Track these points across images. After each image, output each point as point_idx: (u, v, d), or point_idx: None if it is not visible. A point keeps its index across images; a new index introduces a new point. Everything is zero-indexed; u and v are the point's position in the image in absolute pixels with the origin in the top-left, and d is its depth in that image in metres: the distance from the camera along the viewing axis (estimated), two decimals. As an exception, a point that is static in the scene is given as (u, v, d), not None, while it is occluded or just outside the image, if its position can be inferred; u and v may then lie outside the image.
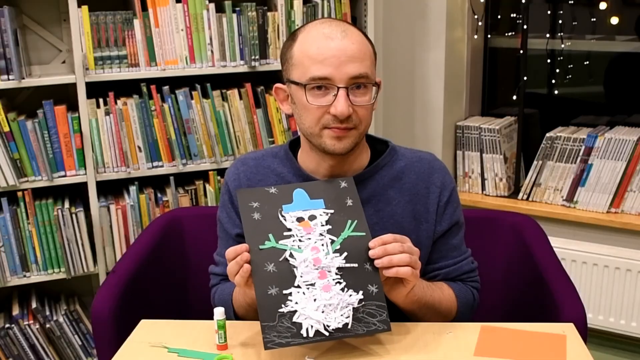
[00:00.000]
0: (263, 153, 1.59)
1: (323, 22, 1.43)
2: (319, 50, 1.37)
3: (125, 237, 2.47)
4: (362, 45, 1.40)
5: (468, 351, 1.30)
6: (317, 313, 1.24)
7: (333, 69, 1.35)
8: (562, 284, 1.62)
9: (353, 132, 1.40)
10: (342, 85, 1.36)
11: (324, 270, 1.28)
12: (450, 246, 1.53)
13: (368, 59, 1.40)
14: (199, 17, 2.42)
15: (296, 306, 1.24)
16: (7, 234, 2.34)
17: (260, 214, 1.34)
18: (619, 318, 2.65)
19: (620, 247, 2.65)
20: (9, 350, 2.42)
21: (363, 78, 1.38)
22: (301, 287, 1.27)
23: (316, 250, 1.30)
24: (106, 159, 2.41)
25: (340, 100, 1.36)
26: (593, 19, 3.00)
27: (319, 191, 1.39)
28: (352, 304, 1.26)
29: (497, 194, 2.93)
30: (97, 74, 2.36)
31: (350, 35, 1.39)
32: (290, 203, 1.36)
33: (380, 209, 1.49)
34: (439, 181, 1.52)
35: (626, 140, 2.63)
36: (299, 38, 1.42)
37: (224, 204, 1.57)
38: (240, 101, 2.51)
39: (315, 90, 1.38)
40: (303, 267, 1.28)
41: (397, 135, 2.91)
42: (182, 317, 1.51)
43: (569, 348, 1.30)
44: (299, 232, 1.32)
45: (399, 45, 2.99)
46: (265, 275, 1.27)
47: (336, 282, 1.27)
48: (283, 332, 1.23)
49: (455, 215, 1.53)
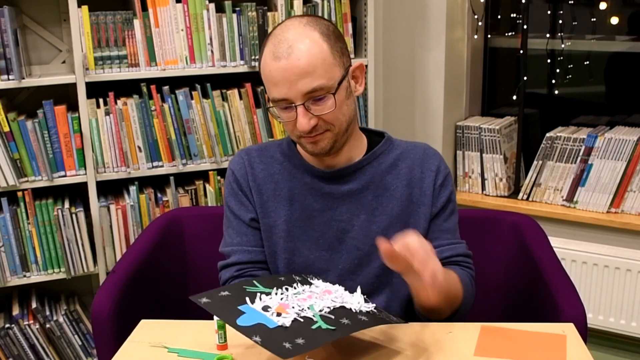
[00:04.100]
0: (266, 145, 1.62)
1: (277, 36, 1.40)
2: (271, 73, 1.38)
3: (125, 237, 2.47)
4: (311, 56, 1.36)
5: (468, 351, 1.30)
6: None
7: (286, 89, 1.37)
8: (562, 284, 1.62)
9: (327, 134, 1.43)
10: (298, 102, 1.38)
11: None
12: (444, 229, 1.54)
13: (320, 67, 1.37)
14: (199, 17, 2.42)
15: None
16: (7, 234, 2.34)
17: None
18: (619, 318, 2.65)
19: (620, 247, 2.65)
20: (9, 350, 2.42)
21: (318, 90, 1.38)
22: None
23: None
24: (106, 159, 2.41)
25: (299, 118, 1.39)
26: (593, 19, 3.00)
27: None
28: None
29: (497, 194, 2.93)
30: (97, 74, 2.36)
31: (296, 51, 1.36)
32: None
33: (379, 194, 1.52)
34: (434, 166, 1.55)
35: (626, 140, 2.63)
36: (263, 51, 1.42)
37: (233, 192, 1.57)
38: (240, 101, 2.51)
39: (280, 107, 1.42)
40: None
41: (397, 135, 2.86)
42: (182, 317, 1.51)
43: (569, 348, 1.30)
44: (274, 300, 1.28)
45: (399, 45, 2.99)
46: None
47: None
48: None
49: (449, 199, 1.55)
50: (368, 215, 1.51)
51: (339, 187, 1.52)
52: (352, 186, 1.51)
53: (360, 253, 1.51)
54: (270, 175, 1.55)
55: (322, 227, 1.52)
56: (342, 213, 1.51)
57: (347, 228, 1.51)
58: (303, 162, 1.54)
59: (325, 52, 1.39)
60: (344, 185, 1.52)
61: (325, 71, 1.38)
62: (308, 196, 1.52)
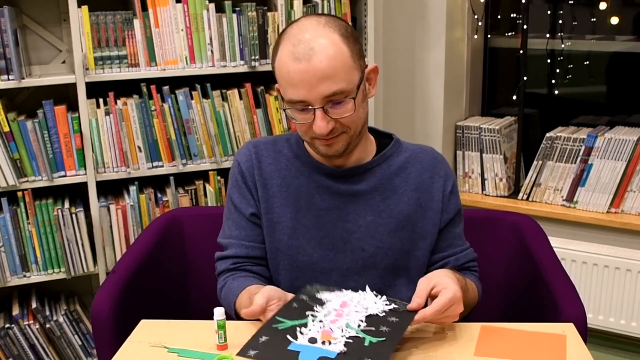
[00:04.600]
0: (275, 138, 1.61)
1: (295, 35, 1.38)
2: (290, 74, 1.36)
3: (125, 237, 2.47)
4: (332, 59, 1.35)
5: (468, 351, 1.30)
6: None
7: (306, 91, 1.35)
8: (562, 284, 1.62)
9: (342, 136, 1.43)
10: (317, 105, 1.37)
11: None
12: (456, 234, 1.58)
13: (340, 71, 1.36)
14: (199, 17, 2.42)
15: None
16: (7, 234, 2.34)
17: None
18: (619, 318, 2.65)
19: (620, 247, 2.66)
20: (9, 350, 2.42)
21: (338, 94, 1.36)
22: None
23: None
24: (106, 159, 2.41)
25: (317, 121, 1.38)
26: (593, 19, 3.00)
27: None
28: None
29: (497, 194, 2.93)
30: (97, 74, 2.36)
31: (318, 53, 1.34)
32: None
33: (387, 197, 1.52)
34: (443, 172, 1.57)
35: (626, 140, 2.63)
36: (279, 50, 1.40)
37: (237, 184, 1.57)
38: (240, 101, 2.51)
39: (296, 108, 1.40)
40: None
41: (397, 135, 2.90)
42: (182, 317, 1.51)
43: (569, 348, 1.30)
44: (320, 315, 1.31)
45: (399, 45, 2.99)
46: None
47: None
48: None
49: (458, 204, 1.59)
50: (375, 217, 1.51)
51: (347, 187, 1.51)
52: (361, 187, 1.51)
53: (365, 254, 1.51)
54: (278, 171, 1.54)
55: (327, 226, 1.51)
56: (349, 213, 1.51)
57: (353, 228, 1.51)
58: (311, 159, 1.53)
59: (345, 55, 1.37)
60: (352, 185, 1.51)
61: (345, 74, 1.37)
62: (315, 194, 1.52)
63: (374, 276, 1.51)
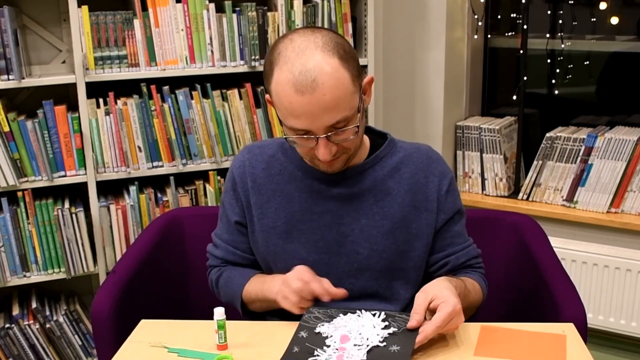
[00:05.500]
0: (270, 142, 1.61)
1: (293, 62, 1.32)
2: (292, 105, 1.32)
3: (125, 237, 2.47)
4: (335, 90, 1.31)
5: (468, 351, 1.30)
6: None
7: (309, 122, 1.34)
8: (562, 284, 1.62)
9: (343, 156, 1.43)
10: (321, 134, 1.35)
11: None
12: (455, 233, 1.56)
13: (343, 100, 1.33)
14: (199, 17, 2.42)
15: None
16: (7, 234, 2.34)
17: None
18: (619, 318, 2.65)
19: (620, 247, 2.65)
20: (9, 350, 2.42)
21: (341, 122, 1.35)
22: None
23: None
24: (106, 159, 2.41)
25: (321, 149, 1.37)
26: (593, 19, 3.00)
27: None
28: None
29: (497, 194, 2.93)
30: (97, 74, 2.36)
31: (321, 85, 1.30)
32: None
33: (380, 199, 1.50)
34: (438, 171, 1.54)
35: (626, 140, 2.63)
36: (274, 73, 1.35)
37: (228, 190, 1.59)
38: (240, 101, 2.51)
39: (298, 134, 1.37)
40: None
41: (397, 135, 2.86)
42: (182, 317, 1.51)
43: (569, 348, 1.30)
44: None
45: (399, 45, 2.99)
46: None
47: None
48: None
49: (456, 203, 1.56)
50: (368, 220, 1.50)
51: (340, 190, 1.50)
52: (354, 189, 1.50)
53: (360, 257, 1.50)
54: (271, 176, 1.54)
55: (321, 230, 1.50)
56: (343, 216, 1.50)
57: (347, 232, 1.50)
58: (304, 163, 1.52)
59: (347, 82, 1.34)
60: (345, 188, 1.50)
61: (348, 102, 1.35)
62: (309, 198, 1.51)
63: (370, 278, 1.51)
